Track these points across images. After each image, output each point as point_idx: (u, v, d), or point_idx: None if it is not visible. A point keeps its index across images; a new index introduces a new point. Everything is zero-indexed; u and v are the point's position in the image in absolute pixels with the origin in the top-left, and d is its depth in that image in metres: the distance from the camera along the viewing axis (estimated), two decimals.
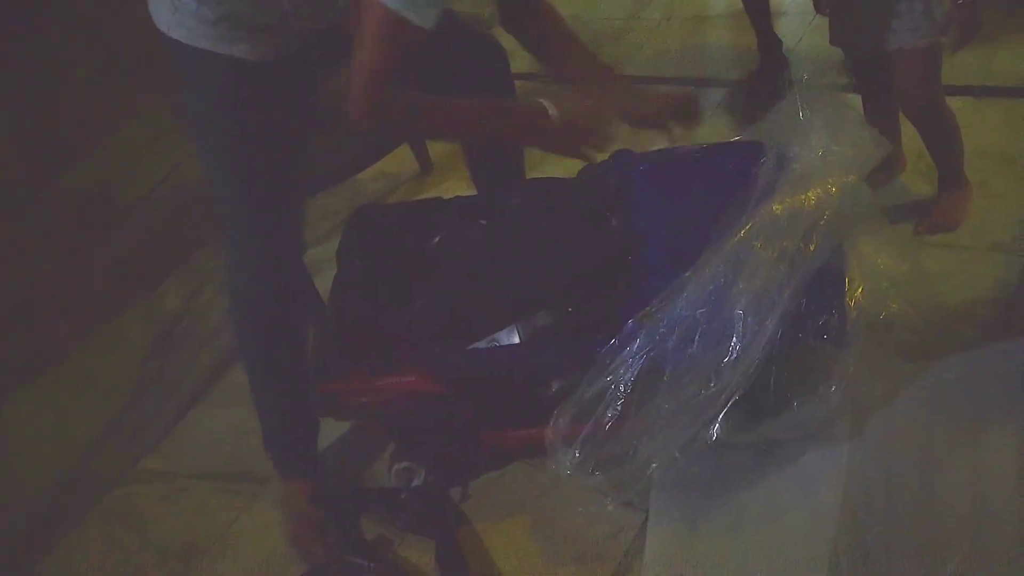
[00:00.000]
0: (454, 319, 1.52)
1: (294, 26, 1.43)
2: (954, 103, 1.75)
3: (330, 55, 1.48)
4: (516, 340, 1.47)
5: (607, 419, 1.33)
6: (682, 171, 1.55)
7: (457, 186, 2.44)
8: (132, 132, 2.18)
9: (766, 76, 2.36)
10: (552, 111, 1.38)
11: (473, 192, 1.86)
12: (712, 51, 2.68)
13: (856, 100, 1.86)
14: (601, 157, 1.51)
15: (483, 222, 1.64)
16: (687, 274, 1.32)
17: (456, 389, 1.51)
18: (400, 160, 2.49)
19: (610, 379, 1.32)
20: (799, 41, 2.47)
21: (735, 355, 1.24)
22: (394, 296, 1.57)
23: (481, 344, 1.48)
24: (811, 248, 1.27)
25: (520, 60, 1.68)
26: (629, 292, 1.41)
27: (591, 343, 1.38)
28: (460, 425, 1.57)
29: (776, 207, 1.30)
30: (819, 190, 1.30)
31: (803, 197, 1.30)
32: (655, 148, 1.58)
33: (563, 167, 1.70)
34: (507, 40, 1.62)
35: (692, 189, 1.50)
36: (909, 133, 1.83)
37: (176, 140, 2.02)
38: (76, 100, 2.00)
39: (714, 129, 2.28)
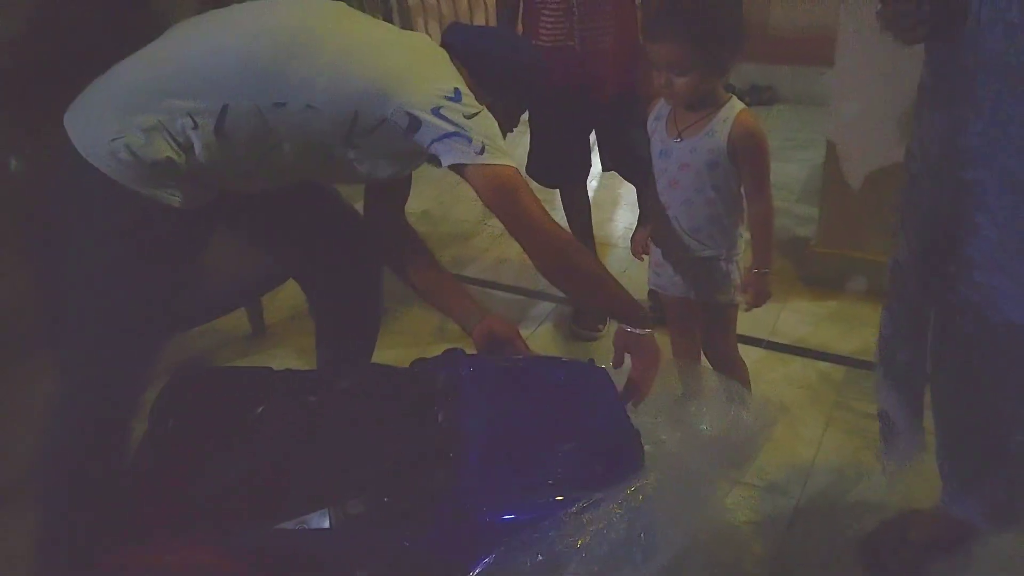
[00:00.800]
0: (264, 496, 1.47)
1: (241, 187, 1.50)
2: (745, 352, 2.00)
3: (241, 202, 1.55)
4: (326, 525, 1.44)
5: None
6: (511, 378, 1.64)
7: (285, 353, 2.43)
8: None
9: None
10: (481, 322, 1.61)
11: (297, 365, 1.86)
12: None
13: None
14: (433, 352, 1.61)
15: (311, 399, 1.64)
16: None
17: (257, 572, 1.44)
18: (233, 318, 2.45)
19: None
20: (624, 271, 2.73)
21: None
22: (203, 464, 1.51)
23: (290, 525, 1.44)
24: None
25: None
26: (447, 488, 1.44)
27: (402, 535, 1.37)
28: None
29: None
30: None
31: None
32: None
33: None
34: None
35: (518, 397, 1.58)
36: None
37: None
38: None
39: (540, 343, 2.46)
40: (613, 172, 2.53)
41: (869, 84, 2.27)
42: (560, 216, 3.16)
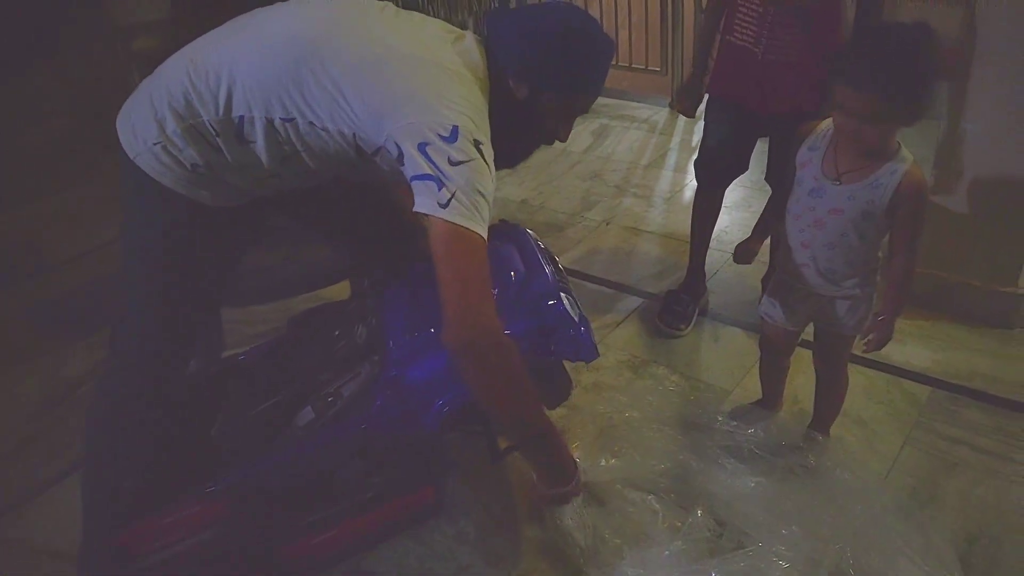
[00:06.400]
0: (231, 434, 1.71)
1: (263, 192, 1.53)
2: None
3: (283, 201, 1.60)
4: (313, 417, 1.69)
5: None
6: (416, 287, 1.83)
7: None
8: (87, 192, 2.24)
9: (682, 299, 2.55)
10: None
11: None
12: (638, 261, 2.92)
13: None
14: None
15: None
16: None
17: (240, 507, 1.63)
18: None
19: None
20: (715, 274, 2.76)
21: None
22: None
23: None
24: None
25: None
26: (378, 375, 1.69)
27: (357, 420, 1.64)
28: (253, 545, 1.67)
29: None
30: None
31: None
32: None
33: None
34: None
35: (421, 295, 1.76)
36: (791, 383, 2.08)
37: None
38: (43, 145, 2.06)
39: (625, 335, 2.52)
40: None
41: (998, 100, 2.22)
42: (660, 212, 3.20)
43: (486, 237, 1.36)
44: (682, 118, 4.03)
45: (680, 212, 3.19)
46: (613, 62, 4.59)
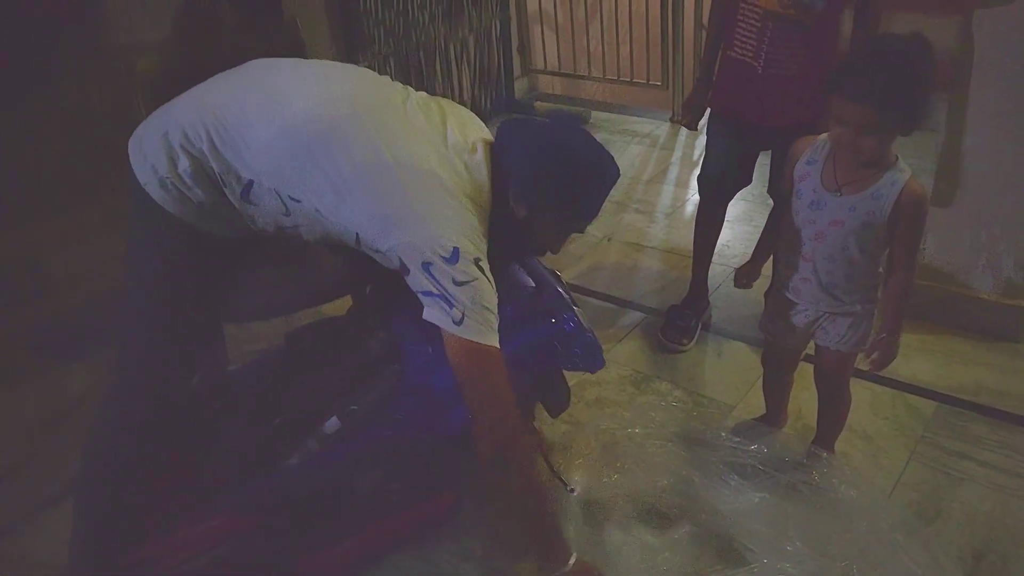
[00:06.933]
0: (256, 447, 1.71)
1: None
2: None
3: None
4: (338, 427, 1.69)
5: None
6: None
7: None
8: (85, 213, 2.25)
9: (685, 313, 2.54)
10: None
11: None
12: (640, 276, 2.92)
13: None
14: None
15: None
16: None
17: (265, 518, 1.63)
18: None
19: None
20: (717, 288, 2.75)
21: None
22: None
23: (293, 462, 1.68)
24: None
25: None
26: (401, 382, 1.71)
27: (380, 427, 1.65)
28: (278, 555, 1.66)
29: None
30: None
31: None
32: None
33: None
34: None
35: None
36: (795, 398, 2.07)
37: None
38: (43, 166, 2.07)
39: (627, 351, 2.51)
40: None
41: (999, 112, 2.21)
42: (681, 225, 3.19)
43: (499, 347, 1.44)
44: (683, 132, 4.04)
45: (682, 227, 3.19)
46: (614, 76, 4.63)
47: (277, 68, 1.54)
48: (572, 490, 1.77)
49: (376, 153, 1.41)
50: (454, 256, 1.37)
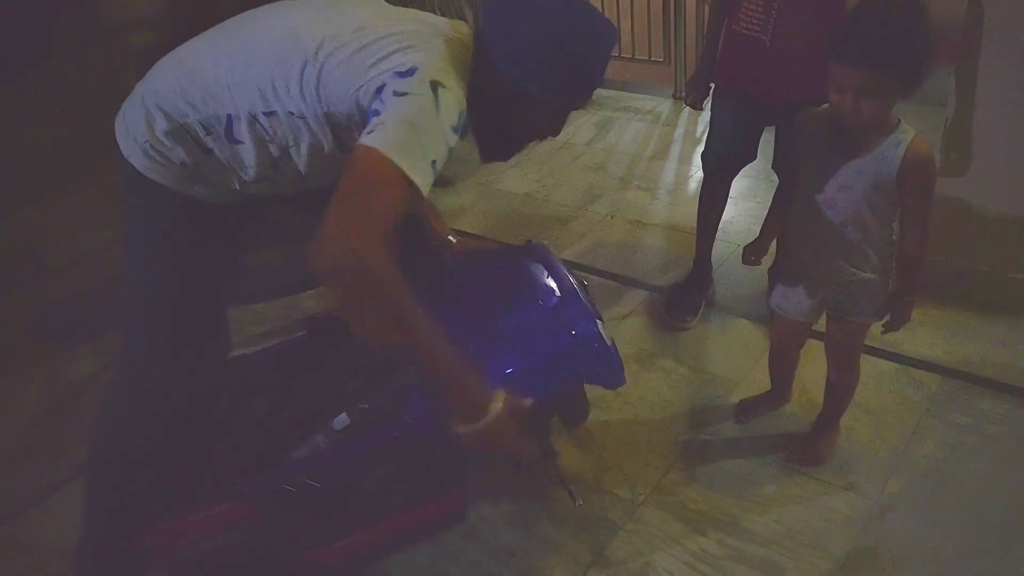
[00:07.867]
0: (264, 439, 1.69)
1: (257, 193, 1.51)
2: None
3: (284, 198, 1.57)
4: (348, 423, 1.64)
5: None
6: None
7: None
8: (85, 195, 2.23)
9: (689, 291, 2.54)
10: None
11: None
12: (643, 254, 2.90)
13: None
14: None
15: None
16: None
17: (271, 510, 1.60)
18: None
19: None
20: (721, 265, 2.74)
21: None
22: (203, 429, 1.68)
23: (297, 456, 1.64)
24: None
25: None
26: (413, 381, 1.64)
27: (389, 431, 1.60)
28: (280, 549, 1.65)
29: None
30: None
31: None
32: None
33: None
34: None
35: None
36: (800, 374, 2.07)
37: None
38: (41, 149, 2.05)
39: (631, 329, 2.50)
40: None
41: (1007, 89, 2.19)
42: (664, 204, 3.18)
43: (411, 178, 1.19)
44: (686, 109, 4.00)
45: (685, 204, 3.17)
46: (615, 54, 4.58)
47: (248, 14, 1.51)
48: (579, 503, 1.70)
49: (346, 23, 1.37)
50: (410, 72, 1.24)
